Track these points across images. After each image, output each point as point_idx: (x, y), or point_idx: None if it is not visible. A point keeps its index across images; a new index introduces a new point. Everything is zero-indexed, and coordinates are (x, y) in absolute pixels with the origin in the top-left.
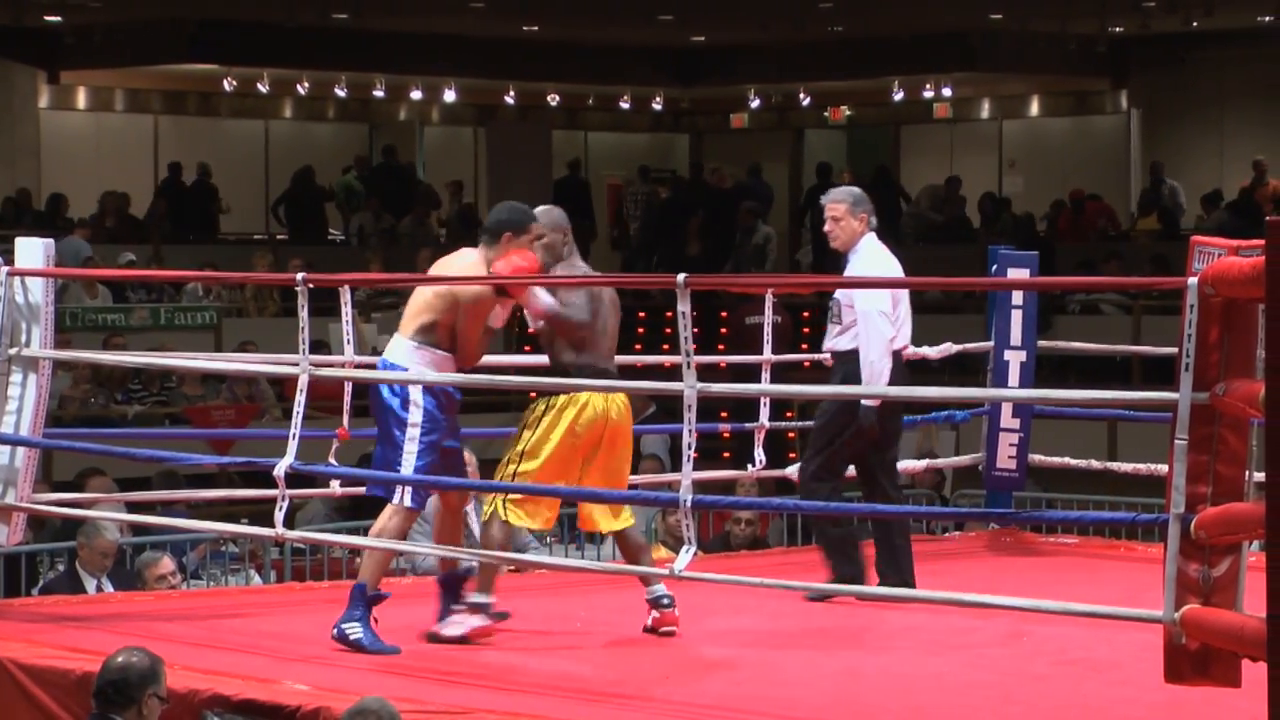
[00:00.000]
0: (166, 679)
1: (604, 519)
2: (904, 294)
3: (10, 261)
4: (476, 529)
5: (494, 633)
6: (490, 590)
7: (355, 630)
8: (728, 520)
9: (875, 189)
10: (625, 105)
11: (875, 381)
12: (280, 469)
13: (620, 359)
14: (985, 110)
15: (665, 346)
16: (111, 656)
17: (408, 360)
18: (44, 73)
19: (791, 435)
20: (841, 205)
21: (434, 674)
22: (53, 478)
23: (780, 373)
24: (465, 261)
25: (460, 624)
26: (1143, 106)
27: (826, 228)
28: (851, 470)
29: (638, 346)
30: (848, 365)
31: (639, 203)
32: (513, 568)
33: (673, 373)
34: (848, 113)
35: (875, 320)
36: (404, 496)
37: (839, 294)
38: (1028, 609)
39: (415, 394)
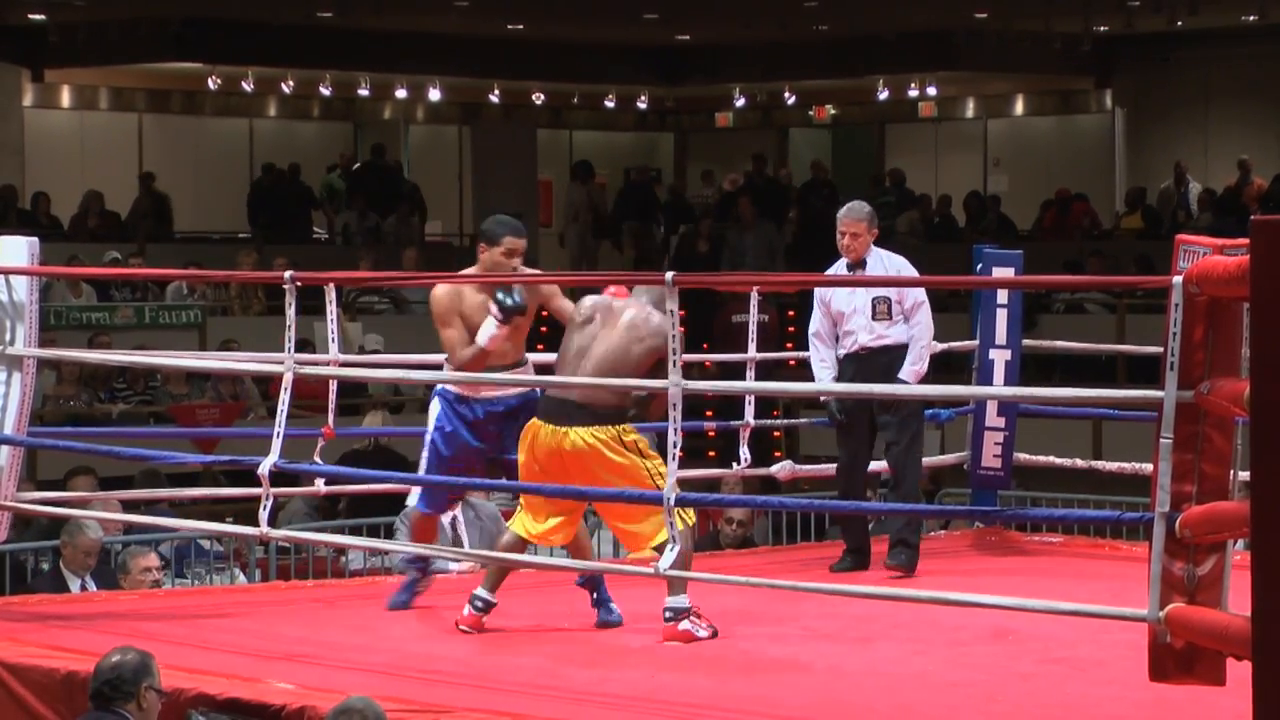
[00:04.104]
0: (160, 675)
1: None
2: None
3: None
4: (465, 537)
5: (480, 625)
6: (494, 589)
7: None
8: (719, 520)
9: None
10: (610, 104)
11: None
12: (265, 468)
13: None
14: (970, 109)
15: None
16: (103, 659)
17: None
18: (28, 71)
19: (777, 435)
20: (861, 222)
21: (418, 673)
22: (38, 476)
23: (766, 371)
24: None
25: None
26: (1127, 106)
27: (844, 242)
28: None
29: None
30: (894, 356)
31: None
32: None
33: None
34: (832, 112)
35: (929, 308)
36: (413, 499)
37: (885, 291)
38: (1013, 607)
39: (433, 404)
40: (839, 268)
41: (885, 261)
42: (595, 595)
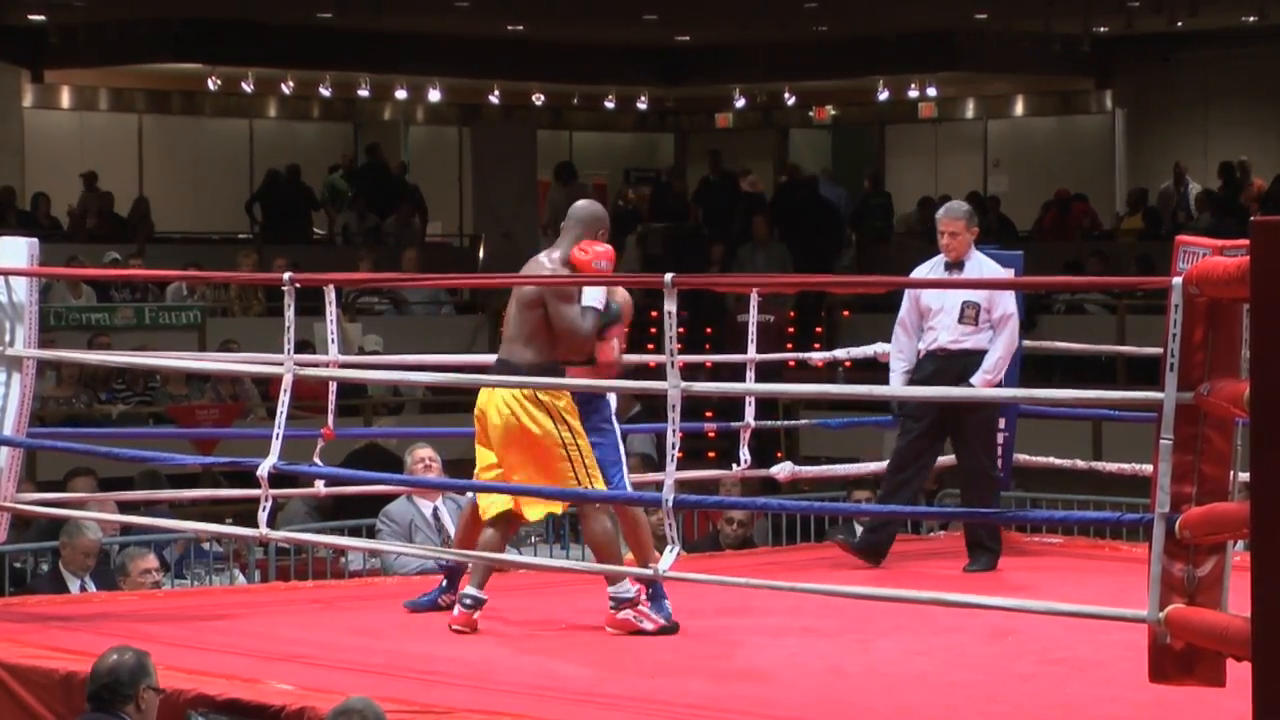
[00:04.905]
0: (156, 672)
1: (529, 509)
2: None
3: None
4: (450, 527)
5: (472, 625)
6: (481, 586)
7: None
8: (718, 520)
9: (868, 193)
10: (610, 105)
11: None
12: (264, 469)
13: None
14: (970, 110)
15: (650, 346)
16: (99, 660)
17: None
18: (28, 71)
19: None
20: (960, 220)
21: (418, 673)
22: (37, 477)
23: (768, 372)
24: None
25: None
26: (1127, 106)
27: (944, 241)
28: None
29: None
30: (972, 361)
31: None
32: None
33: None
34: (832, 112)
35: (1017, 322)
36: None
37: (976, 297)
38: (1013, 608)
39: None
40: (936, 265)
41: (982, 266)
42: (650, 590)
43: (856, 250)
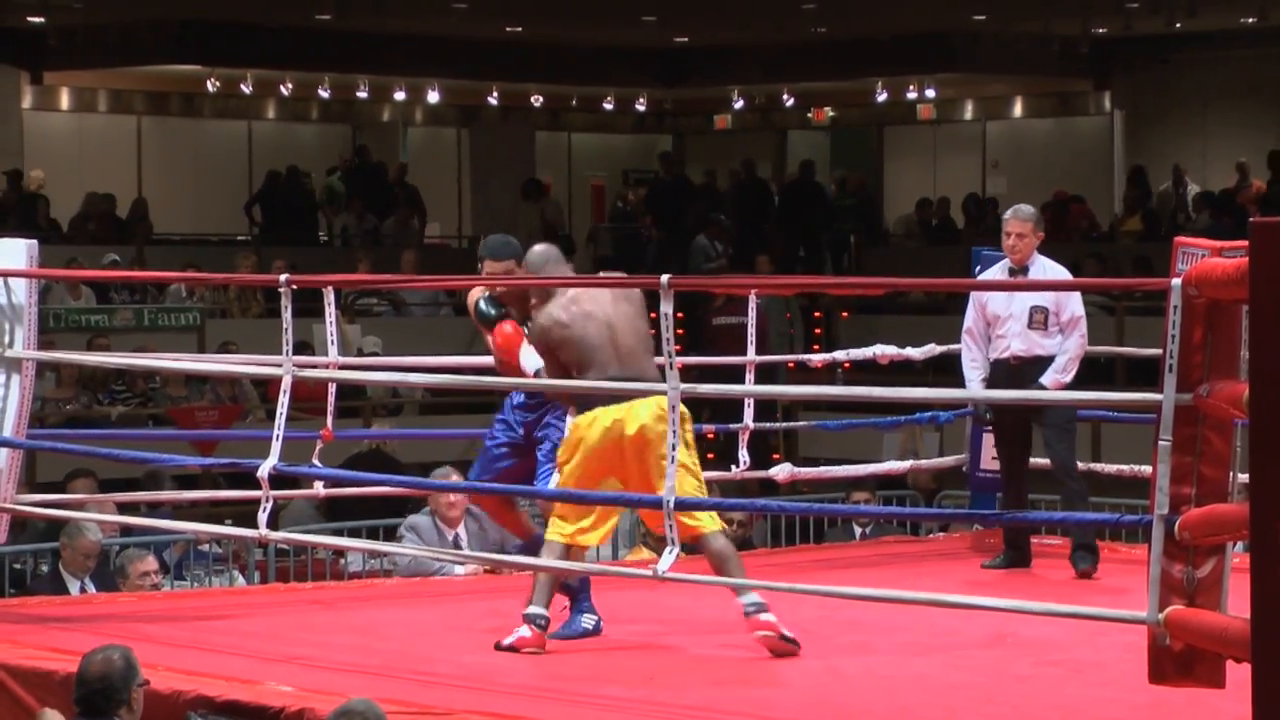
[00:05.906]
0: (140, 665)
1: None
2: None
3: None
4: (448, 535)
5: (544, 645)
6: (545, 603)
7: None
8: None
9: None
10: (608, 106)
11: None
12: (264, 470)
13: None
14: (968, 111)
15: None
16: (84, 664)
17: None
18: (27, 73)
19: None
20: (1028, 223)
21: (418, 675)
22: (36, 479)
23: (764, 372)
24: None
25: (512, 633)
26: (1126, 108)
27: (1009, 243)
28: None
29: None
30: (1044, 369)
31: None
32: (488, 568)
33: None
34: (831, 114)
35: (1085, 324)
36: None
37: (1044, 301)
38: (1011, 610)
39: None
40: (1000, 269)
41: (1046, 271)
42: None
43: (855, 250)
